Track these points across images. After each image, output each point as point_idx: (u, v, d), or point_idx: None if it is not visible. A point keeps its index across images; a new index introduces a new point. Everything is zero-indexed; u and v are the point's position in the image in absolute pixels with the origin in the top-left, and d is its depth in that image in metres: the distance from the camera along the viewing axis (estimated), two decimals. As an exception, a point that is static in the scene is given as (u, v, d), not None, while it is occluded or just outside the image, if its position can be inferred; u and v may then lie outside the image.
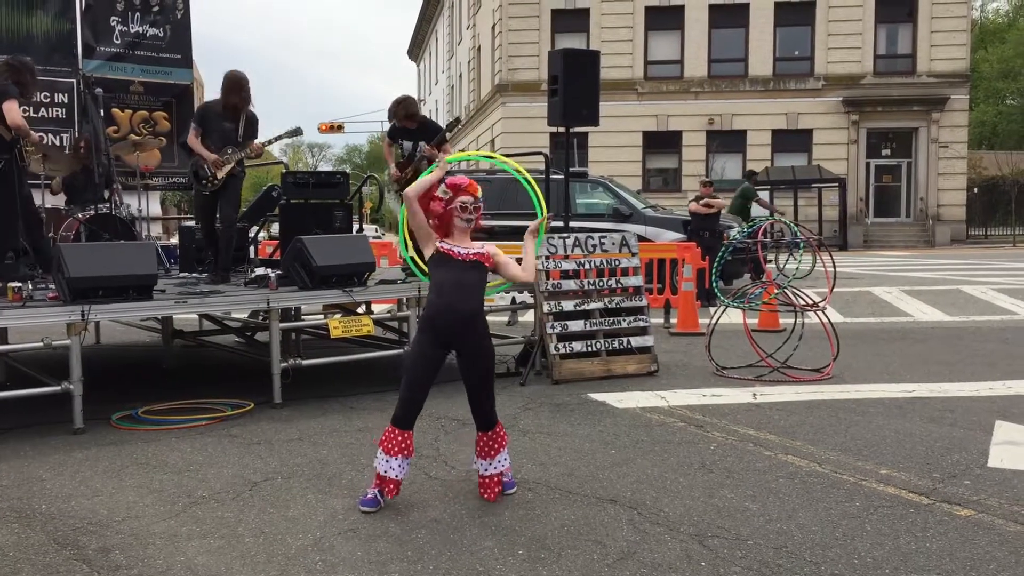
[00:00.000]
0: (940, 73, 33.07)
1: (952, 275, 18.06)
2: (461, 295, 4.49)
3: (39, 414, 6.40)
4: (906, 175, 34.21)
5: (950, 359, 8.84)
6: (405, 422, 4.47)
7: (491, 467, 4.63)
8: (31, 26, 10.00)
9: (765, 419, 6.40)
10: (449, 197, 4.52)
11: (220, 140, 7.81)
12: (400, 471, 4.46)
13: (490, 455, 4.63)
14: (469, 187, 4.56)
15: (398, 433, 4.45)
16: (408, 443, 4.47)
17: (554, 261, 8.10)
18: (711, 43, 33.45)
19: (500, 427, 4.70)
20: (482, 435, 4.66)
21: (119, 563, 3.84)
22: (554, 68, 8.98)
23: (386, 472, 4.45)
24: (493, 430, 4.65)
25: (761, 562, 3.79)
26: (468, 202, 4.52)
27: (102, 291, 6.25)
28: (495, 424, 4.66)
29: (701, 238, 13.76)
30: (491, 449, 4.63)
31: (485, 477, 4.64)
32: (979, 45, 46.44)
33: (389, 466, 4.44)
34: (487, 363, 4.64)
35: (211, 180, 7.83)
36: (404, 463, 4.47)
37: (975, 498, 4.60)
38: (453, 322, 4.49)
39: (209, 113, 7.89)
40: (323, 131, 44.94)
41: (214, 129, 7.81)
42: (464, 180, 4.59)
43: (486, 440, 4.64)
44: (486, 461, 4.63)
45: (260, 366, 7.35)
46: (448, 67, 50.90)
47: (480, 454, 4.65)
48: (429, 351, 4.54)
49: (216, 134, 7.80)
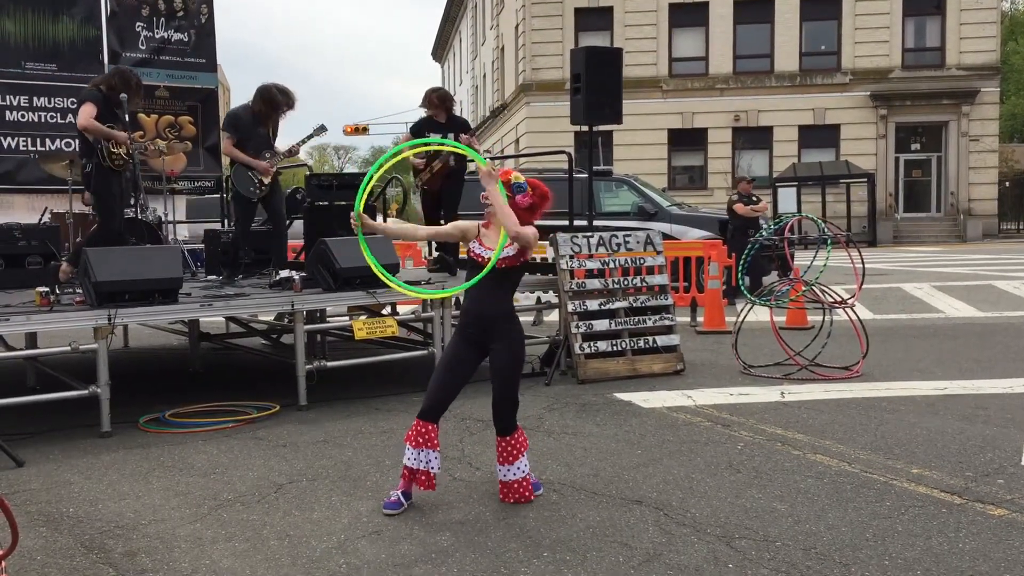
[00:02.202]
0: (970, 66, 32.63)
1: (984, 270, 17.80)
2: (485, 297, 4.46)
3: (67, 417, 6.45)
4: (936, 170, 33.80)
5: (982, 356, 8.70)
6: (430, 415, 4.46)
7: (509, 473, 4.57)
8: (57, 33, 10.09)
9: (793, 418, 6.32)
10: None
11: (257, 146, 7.84)
12: (427, 463, 4.42)
13: (509, 461, 4.56)
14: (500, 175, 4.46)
15: (422, 425, 4.44)
16: (432, 436, 4.44)
17: (578, 260, 8.05)
18: (736, 39, 33.22)
19: (519, 433, 4.61)
20: (500, 440, 4.60)
21: (145, 566, 3.85)
22: (576, 66, 8.94)
23: (416, 464, 4.42)
24: (511, 436, 4.57)
25: (789, 564, 3.73)
26: None
27: (128, 295, 6.29)
28: (512, 431, 4.58)
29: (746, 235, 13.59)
30: (509, 455, 4.56)
31: (504, 483, 4.60)
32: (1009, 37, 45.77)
33: (418, 458, 4.42)
34: (507, 368, 4.53)
35: (260, 187, 7.86)
36: (431, 455, 4.43)
37: (1009, 497, 4.51)
38: (479, 323, 4.48)
39: (241, 121, 7.89)
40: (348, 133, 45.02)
41: (250, 136, 7.83)
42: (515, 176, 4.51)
43: (504, 445, 4.58)
44: (504, 467, 4.58)
45: (285, 368, 7.37)
46: (472, 68, 50.95)
47: (500, 459, 4.60)
48: (460, 351, 4.56)
49: (252, 141, 7.83)
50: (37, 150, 10.00)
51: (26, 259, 8.09)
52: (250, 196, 7.88)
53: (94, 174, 7.28)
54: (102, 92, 7.26)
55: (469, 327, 4.51)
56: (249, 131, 7.84)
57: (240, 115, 7.93)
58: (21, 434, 6.10)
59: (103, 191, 7.38)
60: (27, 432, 6.18)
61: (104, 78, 7.47)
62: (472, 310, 4.50)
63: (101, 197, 7.43)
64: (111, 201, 7.40)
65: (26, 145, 10.00)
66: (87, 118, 7.07)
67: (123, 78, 7.32)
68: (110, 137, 7.17)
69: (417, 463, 4.43)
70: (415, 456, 4.43)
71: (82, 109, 7.15)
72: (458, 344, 4.56)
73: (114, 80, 7.31)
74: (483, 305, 4.47)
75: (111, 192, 7.37)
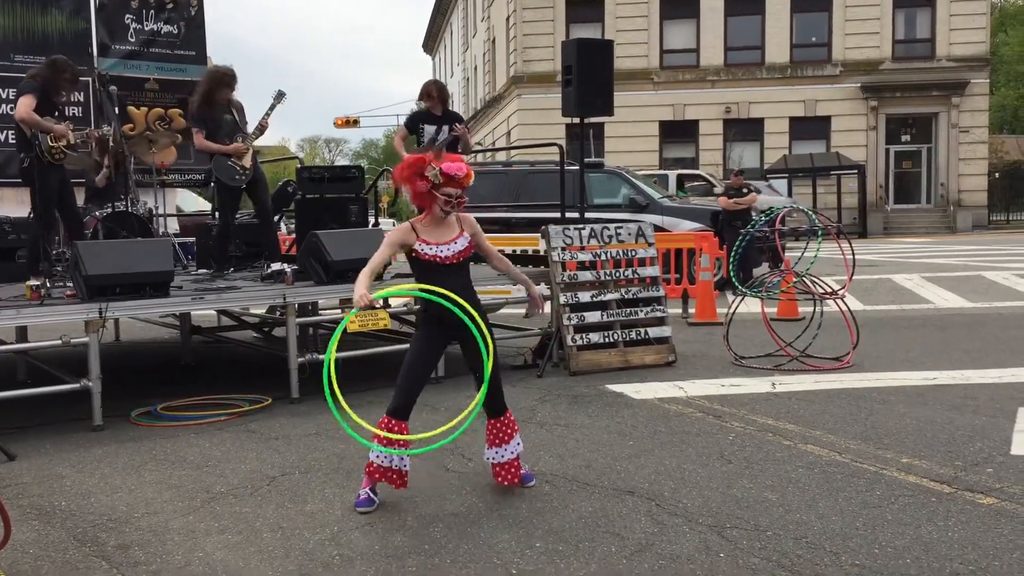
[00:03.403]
0: (960, 57, 32.70)
1: (974, 261, 17.88)
2: (460, 290, 4.37)
3: (59, 411, 6.44)
4: (926, 161, 33.87)
5: (972, 346, 8.75)
6: (402, 413, 4.43)
7: (505, 454, 4.59)
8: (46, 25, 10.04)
9: (784, 408, 6.35)
10: (438, 183, 4.33)
11: (229, 133, 7.83)
12: (401, 460, 4.43)
13: (503, 441, 4.59)
14: (463, 179, 4.37)
15: (395, 423, 4.40)
16: (405, 433, 4.41)
17: (570, 252, 8.06)
18: (727, 31, 33.21)
19: (509, 413, 4.66)
20: (492, 423, 4.62)
21: (138, 559, 3.85)
22: (567, 58, 8.93)
23: (389, 463, 4.40)
24: (503, 417, 4.62)
25: (781, 553, 3.75)
26: (454, 194, 4.37)
27: (119, 288, 6.28)
28: (504, 411, 4.63)
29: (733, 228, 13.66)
30: (503, 436, 4.60)
31: (499, 464, 4.60)
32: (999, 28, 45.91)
33: (389, 457, 4.39)
34: None
35: (243, 173, 7.83)
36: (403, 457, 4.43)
37: (998, 486, 4.54)
38: (455, 318, 4.29)
39: (207, 113, 7.87)
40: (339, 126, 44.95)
41: (219, 125, 7.82)
42: (460, 170, 4.37)
43: (497, 428, 4.61)
44: (500, 448, 4.59)
45: (277, 361, 7.37)
46: (463, 60, 50.84)
47: (491, 443, 4.62)
48: (434, 344, 4.59)
49: (223, 130, 7.82)
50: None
51: (15, 253, 8.06)
52: (237, 184, 7.86)
53: (32, 167, 7.22)
54: (39, 84, 7.22)
55: (447, 322, 4.43)
56: (215, 120, 7.82)
57: (203, 107, 7.92)
58: (12, 428, 6.10)
59: (41, 185, 7.31)
60: (18, 426, 6.17)
61: (39, 69, 7.42)
62: None
63: (39, 191, 7.36)
64: (48, 194, 7.35)
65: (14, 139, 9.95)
66: (26, 110, 7.04)
67: (55, 68, 7.29)
68: (48, 130, 7.13)
69: (388, 461, 4.40)
70: (384, 455, 4.39)
71: (20, 101, 7.13)
72: (426, 337, 4.56)
73: (48, 71, 7.29)
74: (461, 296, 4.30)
75: (48, 185, 7.32)
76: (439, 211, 4.42)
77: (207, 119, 7.82)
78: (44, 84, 7.25)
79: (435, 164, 4.33)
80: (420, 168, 4.34)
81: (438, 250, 4.42)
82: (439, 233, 4.46)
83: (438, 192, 4.35)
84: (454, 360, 7.98)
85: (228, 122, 7.87)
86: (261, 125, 8.04)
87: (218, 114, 7.84)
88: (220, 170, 7.81)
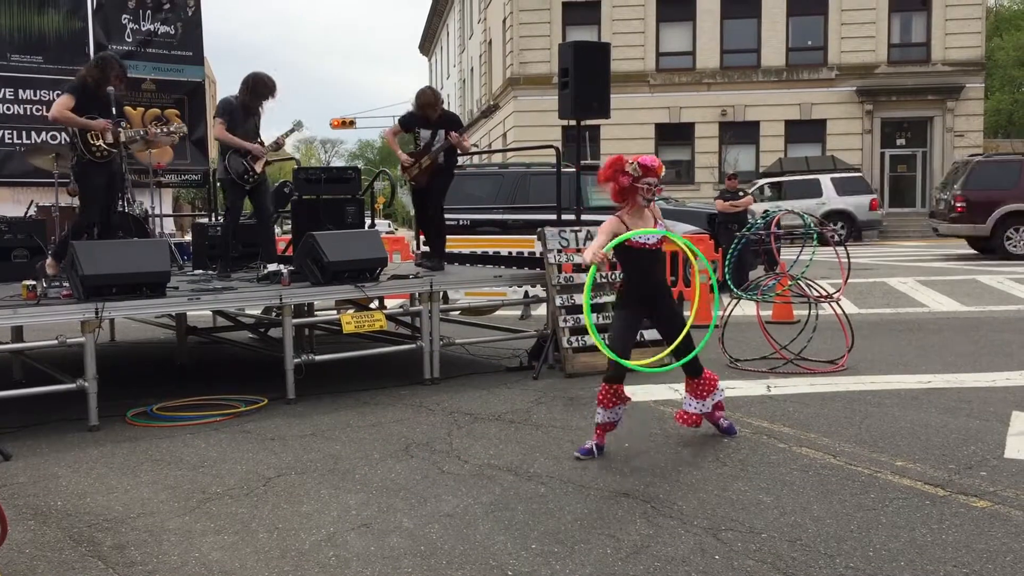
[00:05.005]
0: (955, 62, 32.78)
1: (968, 265, 17.93)
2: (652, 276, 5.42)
3: (55, 411, 6.44)
4: (921, 165, 33.94)
5: (966, 349, 8.77)
6: (619, 379, 5.24)
7: (701, 406, 5.45)
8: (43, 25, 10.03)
9: (779, 411, 6.37)
10: (638, 176, 5.15)
11: (247, 136, 7.83)
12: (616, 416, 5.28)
13: (702, 396, 5.45)
14: (658, 168, 5.17)
15: (614, 388, 5.22)
16: (622, 392, 5.27)
17: (566, 255, 8.08)
18: (723, 34, 33.25)
19: (708, 373, 5.48)
20: (691, 380, 5.46)
21: (134, 559, 3.85)
22: (564, 61, 8.94)
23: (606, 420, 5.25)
24: (701, 376, 5.44)
25: (775, 555, 3.77)
26: (652, 183, 5.18)
27: (115, 289, 6.28)
28: (702, 371, 5.45)
29: (729, 231, 13.70)
30: (702, 391, 5.44)
31: (690, 413, 5.45)
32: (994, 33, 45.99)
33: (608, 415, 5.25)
34: (681, 321, 5.41)
35: (254, 175, 7.84)
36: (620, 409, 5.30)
37: (991, 489, 4.56)
38: (651, 296, 5.38)
39: (235, 110, 7.88)
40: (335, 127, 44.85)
41: (240, 125, 7.82)
42: (654, 161, 5.20)
43: (695, 384, 5.45)
44: (697, 400, 5.45)
45: (274, 362, 7.37)
46: (459, 61, 50.84)
47: (692, 394, 5.47)
48: (633, 321, 5.46)
49: (241, 130, 7.82)
50: (23, 143, 9.96)
51: (12, 252, 8.05)
52: (243, 183, 7.83)
53: (76, 166, 7.27)
54: (84, 83, 7.21)
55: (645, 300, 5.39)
56: (240, 120, 7.84)
57: (232, 103, 7.92)
58: (8, 428, 6.09)
59: (83, 183, 7.35)
60: (14, 426, 6.16)
61: (85, 68, 7.44)
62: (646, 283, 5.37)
63: (82, 189, 7.42)
64: (92, 193, 7.36)
65: (11, 138, 9.96)
66: (59, 109, 7.04)
67: (99, 66, 7.29)
68: (86, 127, 7.12)
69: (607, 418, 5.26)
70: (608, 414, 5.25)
71: (57, 100, 7.15)
72: (627, 316, 5.40)
73: (92, 69, 7.29)
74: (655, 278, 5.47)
75: (92, 184, 7.33)
76: (642, 200, 5.25)
77: (232, 114, 7.84)
78: (86, 82, 7.22)
79: (632, 159, 5.17)
80: (620, 166, 5.20)
81: (645, 238, 5.23)
82: (641, 224, 5.28)
83: (639, 183, 5.18)
84: (448, 364, 8.00)
85: (249, 126, 7.90)
86: (278, 142, 8.18)
87: (241, 116, 7.88)
88: (232, 165, 7.79)
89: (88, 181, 7.32)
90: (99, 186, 7.35)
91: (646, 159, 5.19)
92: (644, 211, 5.33)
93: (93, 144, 7.17)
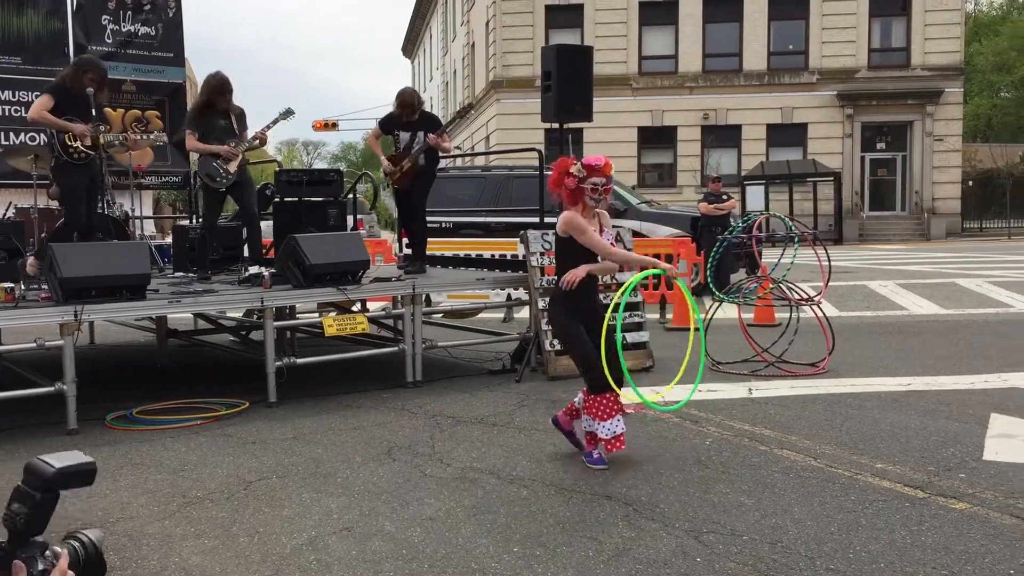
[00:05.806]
0: (934, 66, 33.07)
1: (947, 268, 18.07)
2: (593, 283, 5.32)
3: (33, 415, 6.38)
4: (901, 169, 34.22)
5: (945, 352, 8.84)
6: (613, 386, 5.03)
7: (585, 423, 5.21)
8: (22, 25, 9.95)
9: (761, 414, 6.39)
10: (583, 176, 5.00)
11: (221, 137, 7.79)
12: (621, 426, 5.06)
13: None
14: (604, 168, 5.01)
15: (606, 398, 5.01)
16: (617, 400, 5.06)
17: (548, 257, 8.08)
18: (705, 38, 33.42)
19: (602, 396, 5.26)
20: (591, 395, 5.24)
21: (113, 564, 3.82)
22: (547, 64, 8.96)
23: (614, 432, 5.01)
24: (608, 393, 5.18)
25: (756, 557, 3.78)
26: (599, 183, 5.02)
27: (95, 291, 6.23)
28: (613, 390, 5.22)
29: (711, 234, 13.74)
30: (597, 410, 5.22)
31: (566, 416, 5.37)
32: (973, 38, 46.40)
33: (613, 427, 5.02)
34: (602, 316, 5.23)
35: (225, 176, 7.80)
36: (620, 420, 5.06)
37: (970, 491, 4.59)
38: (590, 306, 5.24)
39: (200, 115, 7.86)
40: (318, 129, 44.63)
41: (211, 128, 7.79)
42: (599, 160, 5.02)
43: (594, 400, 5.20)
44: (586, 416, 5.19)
45: (255, 365, 7.33)
46: (443, 64, 50.83)
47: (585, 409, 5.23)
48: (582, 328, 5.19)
49: (215, 133, 7.79)
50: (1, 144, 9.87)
51: (-10, 254, 7.97)
52: (217, 186, 7.82)
53: (54, 168, 7.23)
54: (63, 84, 7.18)
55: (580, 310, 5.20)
56: (209, 124, 7.80)
57: (198, 110, 7.91)
58: (-15, 432, 6.03)
59: (63, 184, 7.32)
60: (-9, 430, 6.10)
61: (65, 70, 7.41)
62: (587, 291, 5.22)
63: (62, 191, 7.39)
64: (73, 194, 7.32)
65: None
66: (37, 110, 7.01)
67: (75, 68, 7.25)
68: (64, 129, 7.08)
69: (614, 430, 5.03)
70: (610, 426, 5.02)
71: (36, 101, 7.12)
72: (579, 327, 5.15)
73: (69, 70, 7.26)
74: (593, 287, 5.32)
75: (72, 185, 7.29)
76: (590, 200, 5.07)
77: (199, 122, 7.82)
78: (65, 84, 7.17)
79: (575, 161, 5.04)
80: (565, 169, 5.05)
81: None
82: (593, 225, 5.13)
83: (585, 184, 5.02)
84: (431, 367, 7.99)
85: (221, 127, 7.86)
86: (259, 136, 8.06)
87: (213, 119, 7.84)
88: (203, 169, 7.79)
89: (68, 182, 7.28)
90: (79, 186, 7.31)
91: (590, 159, 5.03)
92: (595, 214, 5.18)
93: (71, 145, 7.13)
